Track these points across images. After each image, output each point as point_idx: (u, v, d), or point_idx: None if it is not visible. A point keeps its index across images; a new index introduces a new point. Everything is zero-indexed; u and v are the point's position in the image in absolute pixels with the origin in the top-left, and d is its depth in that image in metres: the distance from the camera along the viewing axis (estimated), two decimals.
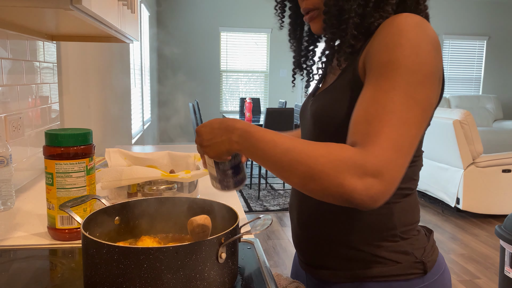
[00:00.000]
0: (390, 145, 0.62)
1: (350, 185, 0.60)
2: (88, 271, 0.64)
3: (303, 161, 0.64)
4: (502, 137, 6.52)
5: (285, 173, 0.66)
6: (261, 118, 5.62)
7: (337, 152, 0.62)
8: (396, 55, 0.66)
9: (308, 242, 0.85)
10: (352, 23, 0.74)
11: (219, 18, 7.29)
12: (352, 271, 0.79)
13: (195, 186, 1.16)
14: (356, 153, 0.62)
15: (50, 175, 0.87)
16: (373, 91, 0.66)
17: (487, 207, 3.97)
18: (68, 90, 1.91)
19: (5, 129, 1.25)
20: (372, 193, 0.60)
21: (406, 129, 0.63)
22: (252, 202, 4.45)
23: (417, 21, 0.68)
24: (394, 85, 0.65)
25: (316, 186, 0.63)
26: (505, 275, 2.18)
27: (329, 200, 0.63)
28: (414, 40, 0.66)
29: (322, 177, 0.62)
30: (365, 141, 0.63)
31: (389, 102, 0.64)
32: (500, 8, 7.94)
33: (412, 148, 0.64)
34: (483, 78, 8.11)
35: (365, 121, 0.65)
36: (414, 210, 0.81)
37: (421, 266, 0.78)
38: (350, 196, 0.60)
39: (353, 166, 0.61)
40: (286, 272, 2.90)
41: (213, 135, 0.74)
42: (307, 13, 0.82)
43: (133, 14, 1.43)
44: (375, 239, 0.78)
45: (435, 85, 0.67)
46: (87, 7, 0.81)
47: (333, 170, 0.61)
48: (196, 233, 0.67)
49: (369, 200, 0.61)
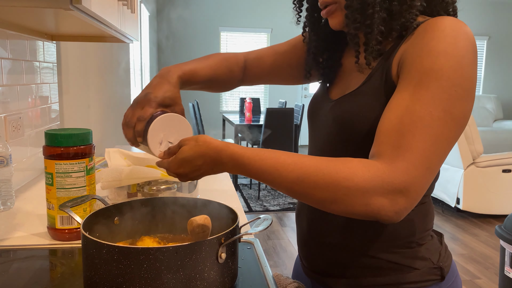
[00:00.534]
0: (421, 163, 0.61)
1: (378, 204, 0.60)
2: (88, 271, 0.64)
3: (322, 187, 0.62)
4: (502, 137, 6.52)
5: (299, 198, 0.65)
6: (261, 118, 5.62)
7: (362, 173, 0.61)
8: (440, 64, 0.62)
9: (317, 249, 0.82)
10: (377, 17, 0.68)
11: (219, 18, 7.29)
12: (367, 279, 0.76)
13: (195, 186, 1.16)
14: (384, 170, 0.60)
15: (50, 175, 0.87)
16: (410, 100, 0.63)
17: (487, 207, 3.97)
18: (68, 90, 1.91)
19: (5, 129, 1.25)
20: (397, 209, 0.60)
21: (439, 146, 0.61)
22: (252, 202, 4.45)
23: (465, 29, 0.64)
24: (434, 97, 0.62)
25: (339, 208, 0.62)
26: (505, 275, 2.18)
27: (351, 216, 0.63)
28: (462, 51, 0.62)
29: (346, 200, 0.61)
30: (395, 155, 0.61)
31: (427, 116, 0.61)
32: (500, 8, 7.94)
33: (441, 163, 0.63)
34: (483, 78, 8.11)
35: (397, 131, 0.62)
36: (430, 216, 0.79)
37: (439, 272, 0.75)
38: (377, 213, 0.60)
39: (381, 185, 0.60)
40: (286, 272, 2.90)
41: (202, 171, 0.70)
42: (325, 7, 0.76)
43: (133, 14, 1.43)
44: (392, 246, 0.75)
45: (472, 99, 0.65)
46: (87, 7, 0.81)
47: (359, 192, 0.60)
48: (196, 233, 0.67)
49: (394, 215, 0.60)
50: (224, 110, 7.65)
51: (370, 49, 0.71)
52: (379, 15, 0.69)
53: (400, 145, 0.61)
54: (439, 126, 0.61)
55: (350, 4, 0.70)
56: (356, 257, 0.77)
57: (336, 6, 0.74)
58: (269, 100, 7.71)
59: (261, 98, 7.69)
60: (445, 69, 0.62)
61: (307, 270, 0.87)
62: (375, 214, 0.60)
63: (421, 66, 0.63)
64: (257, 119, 5.46)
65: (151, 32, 6.22)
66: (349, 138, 0.74)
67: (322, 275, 0.82)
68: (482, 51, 8.04)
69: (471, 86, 0.63)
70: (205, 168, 0.69)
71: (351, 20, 0.71)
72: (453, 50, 0.62)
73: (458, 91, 0.62)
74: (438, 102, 0.61)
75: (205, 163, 0.69)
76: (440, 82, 0.62)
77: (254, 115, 6.03)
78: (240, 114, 6.06)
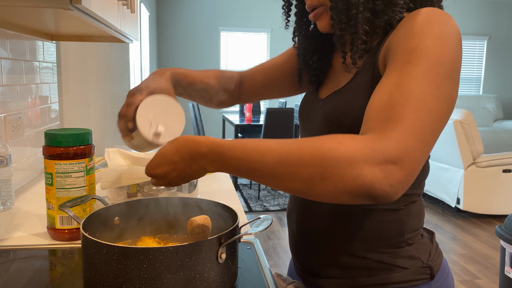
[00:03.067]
0: (414, 132, 0.57)
1: (369, 174, 0.54)
2: (88, 272, 0.64)
3: (308, 161, 0.56)
4: (503, 137, 6.52)
5: (284, 181, 0.58)
6: (261, 118, 5.62)
7: (349, 142, 0.56)
8: (426, 43, 0.62)
9: (307, 250, 0.82)
10: (361, 17, 0.70)
11: (219, 18, 7.29)
12: (355, 280, 0.76)
13: (195, 186, 1.16)
14: (374, 139, 0.56)
15: (50, 175, 0.86)
16: (398, 77, 0.61)
17: (487, 207, 3.97)
18: (68, 90, 1.91)
19: (4, 129, 1.25)
20: (392, 181, 0.55)
21: (432, 119, 0.59)
22: (252, 202, 4.45)
23: (445, 15, 0.65)
24: (424, 73, 0.60)
25: (327, 185, 0.56)
26: (506, 275, 2.18)
27: (341, 200, 0.57)
28: (445, 32, 0.63)
29: (335, 172, 0.55)
30: (385, 127, 0.58)
31: (417, 89, 0.59)
32: (500, 8, 7.94)
33: (434, 141, 0.60)
34: (483, 78, 8.11)
35: (388, 105, 0.60)
36: (421, 215, 0.79)
37: (428, 271, 0.75)
38: (370, 187, 0.54)
39: (371, 153, 0.55)
40: (286, 272, 2.90)
41: (180, 170, 0.66)
42: (312, 11, 0.77)
43: (133, 14, 1.43)
44: (381, 246, 0.75)
45: (458, 80, 0.64)
46: (86, 7, 0.81)
47: (347, 162, 0.55)
48: (196, 233, 0.67)
49: (389, 189, 0.55)
50: (224, 110, 7.65)
51: (355, 48, 0.72)
52: (363, 15, 0.70)
53: (390, 117, 0.58)
54: (431, 100, 0.59)
55: (335, 6, 0.72)
56: (345, 258, 0.77)
57: (323, 9, 0.75)
58: (269, 100, 7.71)
59: None
60: (431, 48, 0.62)
61: (299, 271, 0.87)
62: (368, 188, 0.54)
63: (407, 46, 0.63)
64: (257, 119, 5.46)
65: (151, 32, 6.22)
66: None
67: (313, 276, 0.82)
68: (482, 51, 8.03)
69: (458, 68, 0.63)
70: (183, 166, 0.65)
71: (336, 21, 0.72)
72: (437, 31, 0.63)
73: (446, 69, 0.61)
74: (428, 77, 0.60)
75: (182, 159, 0.65)
76: (429, 58, 0.61)
77: (254, 115, 6.03)
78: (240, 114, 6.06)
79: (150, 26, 5.98)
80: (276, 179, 0.59)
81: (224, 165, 0.62)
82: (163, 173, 0.67)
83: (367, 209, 0.75)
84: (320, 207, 0.79)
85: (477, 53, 8.02)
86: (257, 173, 0.60)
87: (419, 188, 0.78)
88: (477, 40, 7.97)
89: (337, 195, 0.56)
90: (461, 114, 3.79)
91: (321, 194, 0.57)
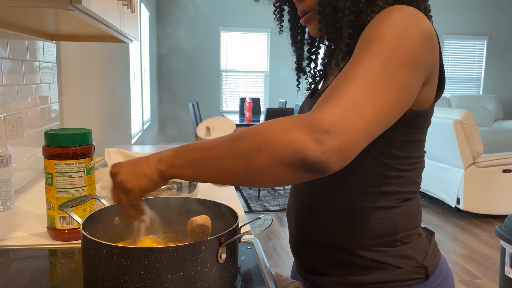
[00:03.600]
0: (350, 106, 0.57)
1: (300, 141, 0.55)
2: (88, 271, 0.64)
3: (245, 136, 0.59)
4: (503, 137, 6.52)
5: (226, 161, 0.60)
6: (261, 118, 5.62)
7: (285, 118, 0.59)
8: (381, 31, 0.63)
9: (305, 248, 0.83)
10: (346, 21, 0.72)
11: (219, 18, 7.29)
12: (350, 277, 0.77)
13: (195, 186, 1.16)
14: (307, 114, 0.58)
15: (50, 175, 0.86)
16: (350, 63, 0.63)
17: (487, 207, 3.97)
18: (68, 90, 1.91)
19: (4, 129, 1.25)
20: (324, 149, 0.55)
21: (375, 98, 0.59)
22: (252, 202, 4.45)
23: (409, 10, 0.65)
24: (373, 57, 0.61)
25: (264, 156, 0.57)
26: (506, 275, 2.18)
27: (280, 173, 0.57)
28: (403, 24, 0.64)
29: (269, 142, 0.57)
30: (323, 103, 0.59)
31: (363, 71, 0.60)
32: (500, 8, 7.94)
33: (378, 121, 0.59)
34: (483, 78, 8.11)
35: (332, 87, 0.61)
36: (416, 214, 0.79)
37: (423, 271, 0.76)
38: (302, 153, 0.55)
39: (303, 123, 0.57)
40: (286, 272, 2.90)
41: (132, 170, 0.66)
42: (303, 15, 0.80)
43: (133, 14, 1.43)
44: (375, 244, 0.76)
45: (418, 73, 0.64)
46: (86, 7, 0.81)
47: (280, 132, 0.57)
48: (196, 233, 0.67)
49: (321, 155, 0.55)
50: (224, 110, 7.65)
51: (338, 50, 0.74)
52: (347, 18, 0.72)
53: (330, 94, 0.60)
54: (376, 81, 0.60)
55: (322, 10, 0.74)
56: (340, 255, 0.78)
57: (313, 14, 0.78)
58: (269, 100, 7.71)
59: (261, 98, 7.69)
60: (386, 35, 0.63)
61: (299, 270, 0.88)
62: (301, 154, 0.55)
63: (365, 36, 0.65)
64: (257, 119, 5.46)
65: (151, 32, 6.22)
66: None
67: (311, 274, 0.83)
68: (482, 51, 8.03)
69: (416, 57, 0.63)
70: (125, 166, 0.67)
71: (324, 25, 0.74)
72: (395, 22, 0.63)
73: (399, 56, 0.62)
74: (377, 61, 0.61)
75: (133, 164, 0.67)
76: (381, 44, 0.62)
77: (254, 115, 6.03)
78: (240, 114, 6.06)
79: (150, 26, 5.98)
80: (218, 160, 0.61)
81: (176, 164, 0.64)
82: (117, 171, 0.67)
83: (361, 207, 0.76)
84: (319, 205, 0.80)
85: (477, 53, 8.02)
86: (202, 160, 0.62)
87: (413, 186, 0.78)
88: (477, 40, 7.97)
89: (274, 167, 0.57)
90: (461, 114, 3.79)
91: (259, 169, 0.58)
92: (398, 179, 0.76)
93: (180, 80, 7.33)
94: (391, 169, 0.75)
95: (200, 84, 7.42)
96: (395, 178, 0.75)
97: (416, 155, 0.77)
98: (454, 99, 7.26)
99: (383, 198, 0.76)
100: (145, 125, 5.47)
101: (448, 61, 7.96)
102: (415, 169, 0.77)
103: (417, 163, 0.77)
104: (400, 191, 0.76)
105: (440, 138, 4.02)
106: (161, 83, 7.30)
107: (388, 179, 0.75)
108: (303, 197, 0.83)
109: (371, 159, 0.74)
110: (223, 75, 7.51)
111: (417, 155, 0.77)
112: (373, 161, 0.74)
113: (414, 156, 0.76)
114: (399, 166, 0.75)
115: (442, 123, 3.91)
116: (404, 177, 0.76)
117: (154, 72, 6.76)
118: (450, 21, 7.84)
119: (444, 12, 7.83)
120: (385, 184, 0.75)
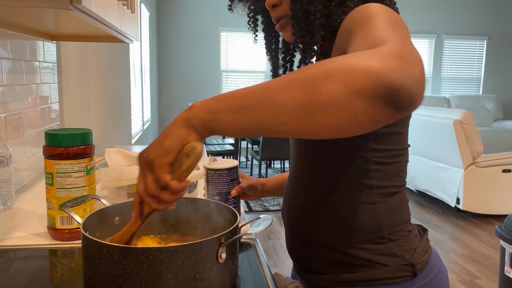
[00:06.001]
0: (401, 43, 0.52)
1: (383, 65, 0.46)
2: (88, 271, 0.64)
3: (308, 68, 0.49)
4: (502, 137, 6.52)
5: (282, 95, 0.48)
6: None
7: (349, 54, 0.50)
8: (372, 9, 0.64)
9: (297, 246, 0.85)
10: (318, 23, 0.74)
11: (219, 18, 7.29)
12: (339, 275, 0.78)
13: (195, 186, 1.16)
14: (372, 49, 0.51)
15: (50, 175, 0.87)
16: (362, 34, 0.60)
17: (487, 207, 3.97)
18: (68, 90, 1.91)
19: (5, 129, 1.25)
20: (410, 72, 0.46)
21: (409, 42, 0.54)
22: (252, 202, 4.45)
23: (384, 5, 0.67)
24: (381, 22, 0.60)
25: (335, 83, 0.46)
26: (505, 275, 2.18)
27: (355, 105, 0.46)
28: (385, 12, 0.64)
29: (342, 68, 0.46)
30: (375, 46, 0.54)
31: (383, 30, 0.57)
32: (500, 8, 7.94)
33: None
34: (483, 78, 8.11)
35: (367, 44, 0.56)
36: (402, 210, 0.79)
37: (410, 269, 0.76)
38: (387, 77, 0.45)
39: (374, 52, 0.48)
40: (286, 272, 2.90)
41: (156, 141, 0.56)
42: (278, 22, 0.81)
43: (133, 14, 1.43)
44: (361, 241, 0.76)
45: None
46: (87, 7, 0.81)
47: (353, 59, 0.47)
48: (179, 158, 0.57)
49: (410, 81, 0.46)
50: None
51: (312, 53, 0.76)
52: (319, 21, 0.73)
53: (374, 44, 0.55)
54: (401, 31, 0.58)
55: (295, 15, 0.75)
56: (331, 254, 0.79)
57: (287, 19, 0.79)
58: None
59: None
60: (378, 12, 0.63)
61: (296, 269, 0.89)
62: (384, 79, 0.45)
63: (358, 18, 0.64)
64: None
65: (151, 32, 6.22)
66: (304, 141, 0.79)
67: (304, 272, 0.85)
68: (482, 51, 8.03)
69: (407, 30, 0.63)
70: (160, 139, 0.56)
71: (297, 29, 0.76)
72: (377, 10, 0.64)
73: (399, 24, 0.61)
74: (385, 23, 0.60)
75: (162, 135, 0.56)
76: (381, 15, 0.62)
77: None
78: None
79: (150, 26, 5.98)
80: (271, 95, 0.49)
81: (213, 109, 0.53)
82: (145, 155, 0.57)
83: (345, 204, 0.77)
84: (307, 204, 0.81)
85: (477, 53, 8.02)
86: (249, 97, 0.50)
87: (396, 180, 0.78)
88: (476, 40, 7.97)
89: (348, 98, 0.46)
90: (461, 114, 3.79)
91: (328, 101, 0.46)
92: (378, 172, 0.76)
93: (180, 80, 7.33)
94: (369, 163, 0.75)
95: (200, 84, 7.42)
96: (374, 171, 0.75)
97: (396, 148, 0.76)
98: (453, 99, 7.26)
99: (366, 194, 0.76)
100: (145, 125, 5.47)
101: (447, 61, 7.96)
102: (396, 162, 0.77)
103: (397, 156, 0.77)
104: (382, 185, 0.76)
105: (440, 138, 4.02)
106: (161, 83, 7.30)
107: (367, 172, 0.75)
108: (293, 197, 0.85)
109: (349, 154, 0.75)
110: (223, 75, 7.51)
111: (397, 147, 0.76)
112: (352, 156, 0.75)
113: (394, 149, 0.76)
114: (377, 159, 0.75)
115: (442, 123, 3.91)
116: (384, 171, 0.76)
117: (154, 72, 6.76)
118: (450, 21, 7.84)
119: (444, 12, 7.82)
120: (365, 178, 0.75)
